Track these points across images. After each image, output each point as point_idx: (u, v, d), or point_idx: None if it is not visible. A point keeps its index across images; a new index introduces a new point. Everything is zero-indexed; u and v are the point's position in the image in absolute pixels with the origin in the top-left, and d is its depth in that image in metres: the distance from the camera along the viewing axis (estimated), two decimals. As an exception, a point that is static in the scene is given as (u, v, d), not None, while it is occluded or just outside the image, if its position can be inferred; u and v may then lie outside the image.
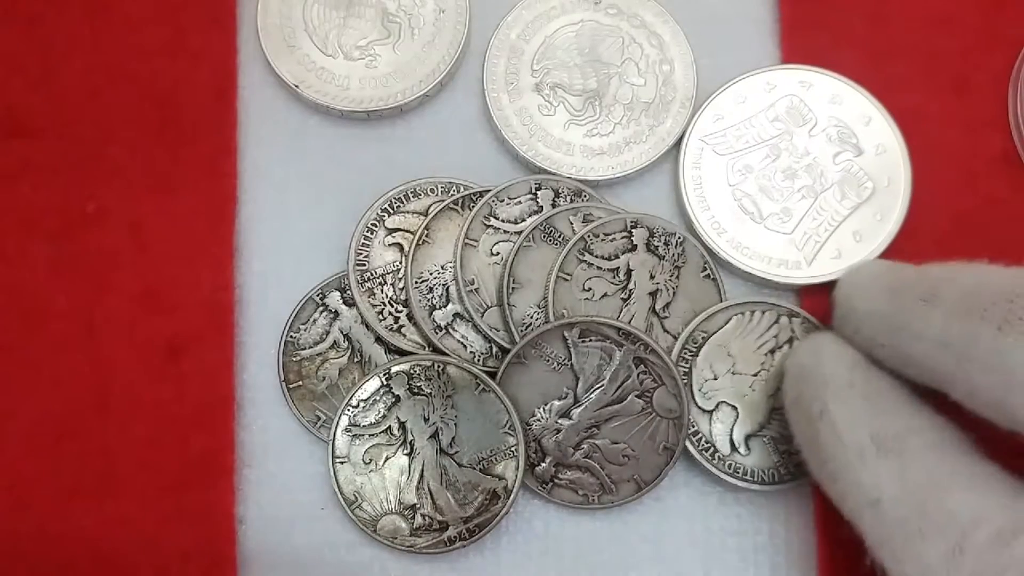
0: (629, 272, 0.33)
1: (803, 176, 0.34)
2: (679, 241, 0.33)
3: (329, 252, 0.33)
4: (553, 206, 0.33)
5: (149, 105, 0.34)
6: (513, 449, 0.31)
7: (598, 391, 0.31)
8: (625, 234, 0.33)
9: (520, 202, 0.33)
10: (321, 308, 0.33)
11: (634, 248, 0.33)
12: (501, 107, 0.34)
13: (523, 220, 0.33)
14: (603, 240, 0.33)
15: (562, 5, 0.35)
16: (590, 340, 0.31)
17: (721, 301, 0.33)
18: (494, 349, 0.32)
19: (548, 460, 0.32)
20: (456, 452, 0.31)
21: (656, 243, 0.33)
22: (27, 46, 0.34)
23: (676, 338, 0.32)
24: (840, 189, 0.33)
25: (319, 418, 0.32)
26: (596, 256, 0.33)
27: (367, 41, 0.34)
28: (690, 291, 0.33)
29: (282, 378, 0.33)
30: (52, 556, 0.31)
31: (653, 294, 0.33)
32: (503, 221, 0.33)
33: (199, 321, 0.33)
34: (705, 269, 0.33)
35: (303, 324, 0.33)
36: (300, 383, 0.33)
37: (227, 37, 0.34)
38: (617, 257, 0.33)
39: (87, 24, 0.34)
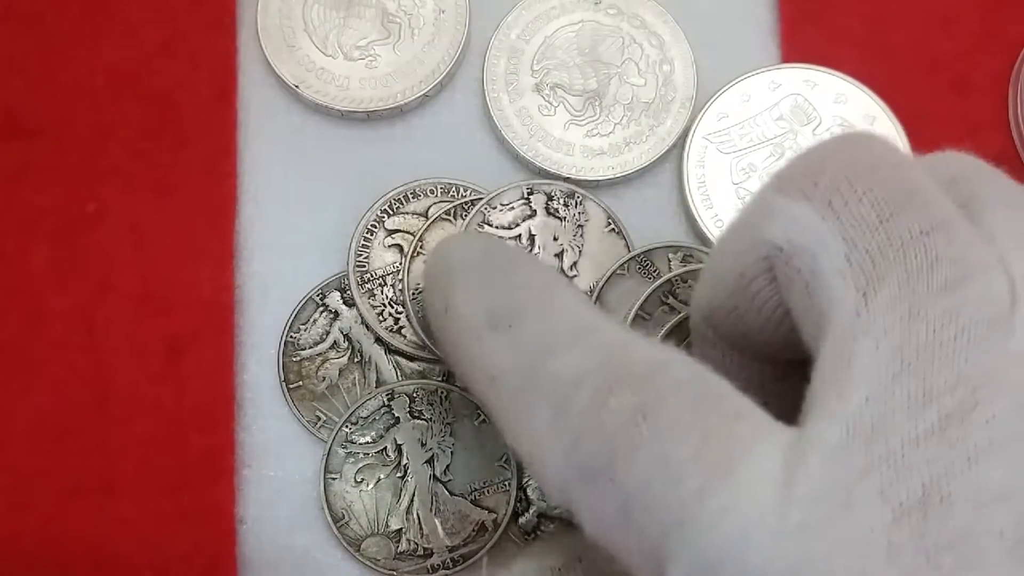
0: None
1: (805, 176, 0.33)
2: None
3: (329, 252, 0.33)
4: (546, 209, 0.33)
5: (149, 105, 0.34)
6: (507, 483, 0.31)
7: None
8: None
9: (513, 207, 0.33)
10: (321, 308, 0.33)
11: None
12: (501, 107, 0.34)
13: (516, 225, 0.33)
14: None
15: (562, 5, 0.35)
16: None
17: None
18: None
19: (532, 510, 0.31)
20: (449, 480, 0.31)
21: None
22: (27, 46, 0.34)
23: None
24: (841, 189, 0.33)
25: (319, 418, 0.32)
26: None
27: (367, 41, 0.34)
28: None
29: (282, 378, 0.33)
30: (52, 556, 0.31)
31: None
32: (497, 227, 0.33)
33: (199, 321, 0.33)
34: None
35: (303, 324, 0.33)
36: (300, 383, 0.33)
37: (227, 37, 0.34)
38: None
39: (87, 24, 0.34)
